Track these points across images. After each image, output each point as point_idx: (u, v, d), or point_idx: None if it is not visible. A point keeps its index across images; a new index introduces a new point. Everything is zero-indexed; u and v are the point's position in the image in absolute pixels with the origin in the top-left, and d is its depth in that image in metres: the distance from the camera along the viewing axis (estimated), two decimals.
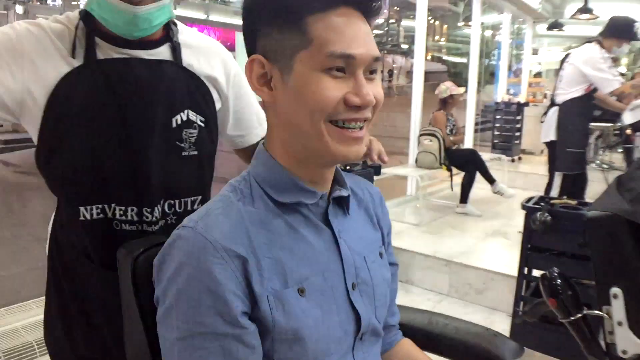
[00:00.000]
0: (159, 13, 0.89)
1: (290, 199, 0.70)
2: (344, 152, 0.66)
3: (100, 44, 0.89)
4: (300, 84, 0.64)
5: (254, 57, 0.67)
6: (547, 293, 1.42)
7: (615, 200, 1.36)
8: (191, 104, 0.97)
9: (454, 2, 16.29)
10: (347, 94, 0.64)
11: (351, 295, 0.73)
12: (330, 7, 0.64)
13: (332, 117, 0.65)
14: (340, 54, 0.63)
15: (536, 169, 6.44)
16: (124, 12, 0.84)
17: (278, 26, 0.65)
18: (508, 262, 3.01)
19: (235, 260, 0.63)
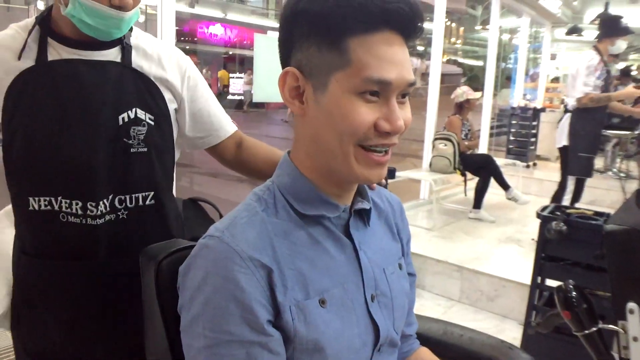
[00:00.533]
0: (135, 16, 0.97)
1: (313, 212, 0.71)
2: (367, 175, 0.67)
3: (54, 45, 0.97)
4: (333, 104, 0.65)
5: (288, 70, 0.68)
6: (562, 305, 1.42)
7: (635, 214, 1.35)
8: (139, 103, 1.02)
9: (471, 5, 16.19)
10: (379, 120, 0.65)
11: (370, 307, 0.74)
12: (373, 30, 0.63)
13: (362, 142, 0.65)
14: (378, 79, 0.63)
15: (551, 175, 6.38)
16: (112, 17, 0.92)
17: (317, 43, 0.65)
18: (520, 270, 3.00)
19: (261, 269, 0.64)
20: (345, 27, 0.63)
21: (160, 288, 0.80)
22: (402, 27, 0.65)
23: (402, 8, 0.63)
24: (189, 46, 12.98)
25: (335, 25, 0.63)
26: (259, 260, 0.64)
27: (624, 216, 1.40)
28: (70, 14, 0.92)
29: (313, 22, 0.64)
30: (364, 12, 0.62)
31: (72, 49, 0.97)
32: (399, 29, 0.65)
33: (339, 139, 0.65)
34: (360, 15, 0.62)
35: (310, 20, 0.65)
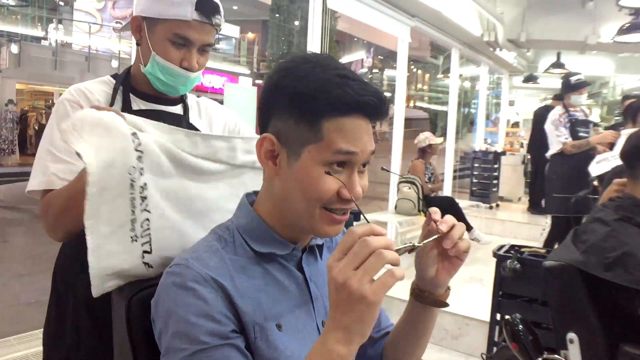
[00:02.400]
0: (198, 78, 1.20)
1: (265, 250, 0.80)
2: (328, 231, 0.77)
3: (133, 99, 1.18)
4: (303, 172, 0.74)
5: (266, 136, 0.77)
6: (509, 338, 1.51)
7: (570, 251, 1.48)
8: None
9: (434, 55, 16.91)
10: (341, 189, 0.74)
11: (321, 331, 0.82)
12: (346, 115, 0.73)
13: (326, 205, 0.75)
14: (346, 151, 0.72)
15: (514, 216, 6.61)
16: (182, 76, 1.15)
17: (295, 118, 0.74)
18: (483, 308, 3.09)
19: (223, 290, 0.73)
20: (323, 111, 0.73)
21: (130, 323, 0.86)
22: (370, 114, 0.75)
23: (372, 100, 0.74)
24: None
25: (314, 108, 0.73)
26: (221, 283, 0.73)
27: (561, 253, 1.52)
28: (148, 72, 1.15)
29: (294, 99, 0.74)
30: (341, 101, 0.72)
31: (147, 102, 1.19)
32: (367, 115, 0.75)
33: (306, 202, 0.75)
34: (337, 104, 0.72)
35: (292, 97, 0.74)
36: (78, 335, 1.17)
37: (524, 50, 8.26)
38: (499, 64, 8.53)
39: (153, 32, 1.14)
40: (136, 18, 1.16)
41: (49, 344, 1.24)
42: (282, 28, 14.19)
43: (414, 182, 4.53)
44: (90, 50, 15.17)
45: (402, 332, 0.93)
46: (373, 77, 23.13)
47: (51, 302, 1.24)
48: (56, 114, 1.11)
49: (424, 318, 0.89)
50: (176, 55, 1.13)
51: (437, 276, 0.83)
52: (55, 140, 1.07)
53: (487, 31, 6.40)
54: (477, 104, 9.00)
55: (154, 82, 1.16)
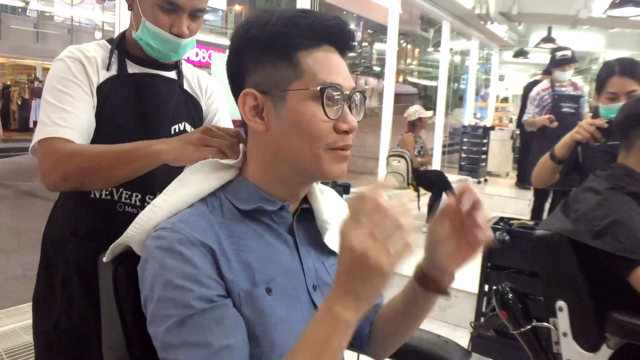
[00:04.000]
0: (191, 44, 1.18)
1: (250, 206, 0.78)
2: (337, 171, 0.75)
3: (129, 63, 1.18)
4: (295, 114, 0.73)
5: (246, 91, 0.75)
6: (499, 306, 1.53)
7: (560, 220, 1.48)
8: (188, 119, 1.23)
9: (424, 28, 16.78)
10: (337, 122, 0.73)
11: (313, 295, 0.81)
12: (318, 44, 0.74)
13: (329, 146, 0.74)
14: (330, 83, 0.72)
15: (501, 190, 6.65)
16: (172, 42, 1.13)
17: (271, 62, 0.73)
18: (471, 280, 3.13)
19: (210, 252, 0.71)
20: (296, 44, 0.73)
21: (117, 290, 0.84)
22: (338, 42, 0.76)
23: (338, 25, 0.74)
24: None
25: (286, 43, 0.73)
26: (208, 245, 0.71)
27: (551, 222, 1.53)
28: (139, 37, 1.13)
29: (266, 44, 0.73)
30: (311, 30, 0.73)
31: (141, 66, 1.19)
32: (335, 43, 0.76)
33: (307, 143, 0.73)
34: (307, 33, 0.73)
35: (263, 43, 0.74)
36: (69, 301, 1.17)
37: (516, 24, 8.20)
38: (490, 38, 8.47)
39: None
40: None
41: (39, 312, 1.23)
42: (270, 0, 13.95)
43: (403, 156, 4.52)
44: (73, 22, 14.81)
45: (397, 312, 0.91)
46: (362, 51, 22.96)
47: (40, 269, 1.23)
48: (55, 70, 1.11)
49: (423, 303, 0.86)
50: (165, 21, 1.11)
51: (448, 263, 0.79)
52: (56, 93, 1.08)
53: (478, 3, 6.33)
54: (467, 79, 8.96)
55: (145, 47, 1.15)
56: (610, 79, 1.80)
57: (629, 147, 1.48)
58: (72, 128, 1.06)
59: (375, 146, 5.82)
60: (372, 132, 5.28)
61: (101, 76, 1.14)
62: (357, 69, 23.88)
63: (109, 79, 1.14)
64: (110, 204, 1.15)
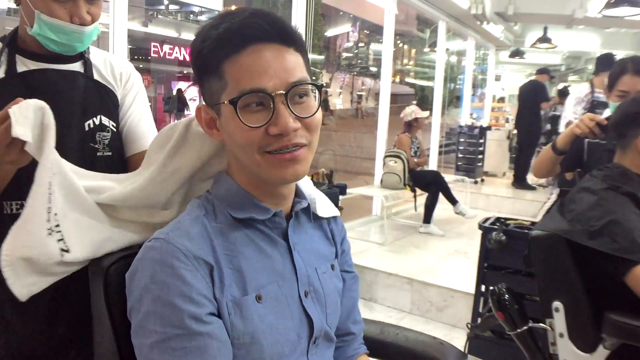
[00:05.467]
0: (96, 31, 1.08)
1: (243, 215, 0.77)
2: (282, 175, 0.73)
3: (22, 60, 1.06)
4: (227, 125, 0.73)
5: (199, 106, 0.78)
6: (495, 307, 1.52)
7: (556, 221, 1.47)
8: (103, 111, 1.12)
9: (420, 29, 16.79)
10: (269, 126, 0.70)
11: (304, 302, 0.80)
12: (241, 48, 0.70)
13: (264, 149, 0.71)
14: (250, 89, 0.69)
15: (498, 190, 6.66)
16: (74, 31, 1.03)
17: (207, 77, 0.74)
18: (468, 281, 3.12)
19: (204, 266, 0.70)
20: (218, 54, 0.71)
21: (108, 294, 0.83)
22: (267, 37, 0.70)
23: (255, 22, 0.70)
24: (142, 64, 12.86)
25: (207, 58, 0.72)
26: (201, 258, 0.70)
27: (547, 222, 1.52)
28: (37, 33, 1.01)
29: (195, 60, 0.74)
30: (223, 39, 0.70)
31: (39, 62, 1.07)
32: (263, 40, 0.70)
33: (243, 152, 0.73)
34: (221, 43, 0.70)
35: (194, 59, 0.74)
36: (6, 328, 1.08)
37: (512, 24, 8.19)
38: (486, 38, 8.47)
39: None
40: None
41: None
42: (266, 0, 13.95)
43: (399, 156, 4.51)
44: None
45: None
46: (359, 51, 22.94)
47: None
48: None
49: None
50: (62, 11, 1.01)
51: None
52: None
53: (474, 3, 6.32)
54: (464, 79, 8.97)
55: (46, 43, 1.04)
56: (622, 77, 1.80)
57: (625, 147, 1.48)
58: None
59: (371, 147, 5.81)
60: (368, 132, 5.27)
61: None
62: (353, 70, 23.87)
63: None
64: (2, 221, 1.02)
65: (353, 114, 21.87)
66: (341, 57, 22.79)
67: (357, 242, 4.20)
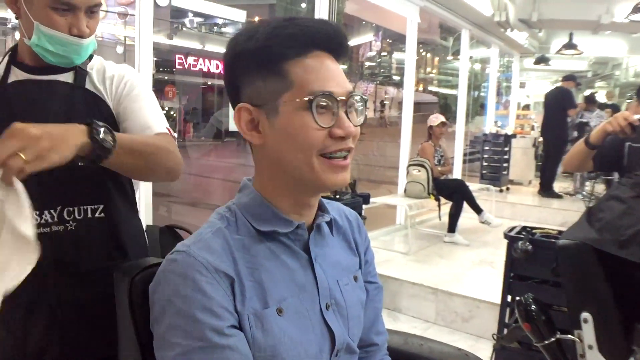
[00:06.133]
0: (93, 44, 1.10)
1: (267, 228, 0.77)
2: (333, 180, 0.75)
3: (16, 72, 1.09)
4: (287, 124, 0.72)
5: (240, 106, 0.76)
6: (522, 318, 1.49)
7: (584, 230, 1.44)
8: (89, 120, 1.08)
9: (444, 37, 16.71)
10: (332, 128, 0.73)
11: (325, 315, 0.80)
12: (305, 52, 0.73)
13: (322, 151, 0.73)
14: (320, 91, 0.71)
15: (524, 199, 6.55)
16: (73, 44, 1.05)
17: (261, 75, 0.73)
18: (494, 290, 3.07)
19: (225, 279, 0.70)
20: (282, 55, 0.72)
21: (133, 303, 0.84)
22: (328, 46, 0.75)
23: (325, 29, 0.74)
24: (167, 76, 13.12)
25: (271, 56, 0.72)
26: (223, 272, 0.70)
27: (575, 232, 1.49)
28: (34, 44, 1.03)
29: (252, 58, 0.74)
30: (294, 38, 0.72)
31: (30, 74, 1.08)
32: (325, 48, 0.74)
33: (301, 153, 0.73)
34: (292, 42, 0.72)
35: (250, 57, 0.74)
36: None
37: (536, 30, 8.10)
38: (510, 46, 8.39)
39: (31, 0, 1.03)
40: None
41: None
42: (289, 11, 14.07)
43: (423, 165, 4.48)
44: (96, 37, 15.11)
45: None
46: (382, 60, 22.93)
47: None
48: None
49: None
50: (62, 22, 1.03)
51: None
52: None
53: (498, 11, 6.27)
54: (488, 86, 8.88)
55: (43, 54, 1.05)
56: None
57: None
58: None
59: (395, 155, 5.78)
60: (392, 141, 5.25)
61: None
62: (376, 79, 23.84)
63: None
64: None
65: (376, 123, 21.82)
66: (364, 67, 22.81)
67: (381, 251, 4.18)
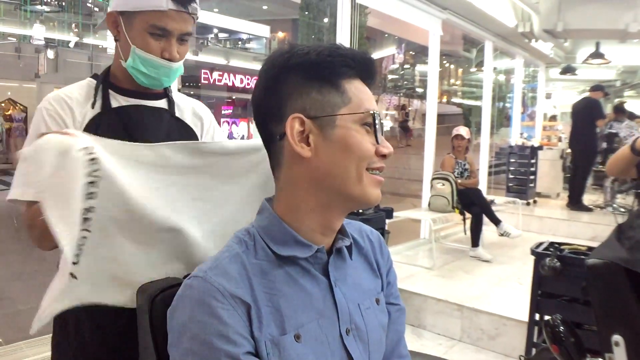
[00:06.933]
0: (181, 69, 1.20)
1: (286, 253, 0.76)
2: (375, 194, 0.79)
3: (114, 95, 1.18)
4: (345, 136, 0.75)
5: (294, 116, 0.75)
6: (550, 339, 1.45)
7: (614, 249, 1.39)
8: None
9: (467, 49, 16.63)
10: (379, 147, 0.78)
11: (345, 340, 0.78)
12: (355, 75, 0.79)
13: (370, 165, 0.77)
14: (372, 111, 0.77)
15: (552, 212, 6.41)
16: (164, 66, 1.15)
17: (317, 88, 0.76)
18: (521, 308, 3.00)
19: (241, 305, 0.70)
20: (341, 72, 0.77)
21: (153, 323, 0.85)
22: (368, 75, 0.82)
23: (370, 59, 0.82)
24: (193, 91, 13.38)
25: (332, 71, 0.76)
26: (239, 298, 0.70)
27: (604, 250, 1.44)
28: (130, 66, 1.14)
29: (310, 71, 0.76)
30: (352, 59, 0.78)
31: (127, 97, 1.19)
32: (365, 76, 0.81)
33: (355, 164, 0.76)
34: (349, 62, 0.77)
35: (307, 70, 0.76)
36: (81, 345, 1.14)
37: (561, 40, 7.98)
38: (535, 56, 8.28)
39: (131, 25, 1.14)
40: (111, 14, 1.16)
41: (56, 348, 1.21)
42: (311, 26, 14.19)
43: (447, 179, 4.44)
44: None
45: None
46: (405, 72, 22.91)
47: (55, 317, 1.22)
48: (34, 123, 1.13)
49: None
50: (156, 46, 1.13)
51: None
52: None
53: (521, 22, 6.21)
54: (512, 97, 8.77)
55: (136, 76, 1.16)
56: None
57: None
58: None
59: (419, 168, 5.74)
60: (415, 153, 5.22)
61: (88, 115, 1.14)
62: (399, 91, 23.79)
63: (94, 117, 1.15)
64: None
65: (402, 135, 21.75)
66: (387, 79, 22.81)
67: (404, 266, 4.13)
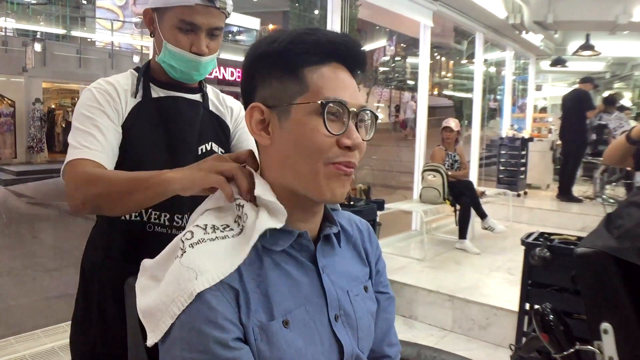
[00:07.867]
0: (212, 63, 1.23)
1: (269, 244, 0.76)
2: (334, 188, 0.74)
3: (153, 88, 1.24)
4: (297, 127, 0.73)
5: (253, 105, 0.76)
6: (539, 328, 1.45)
7: (603, 237, 1.40)
8: (215, 138, 1.28)
9: (458, 41, 16.64)
10: (340, 137, 0.73)
11: (334, 326, 0.78)
12: (324, 61, 0.75)
13: (328, 160, 0.73)
14: (334, 99, 0.72)
15: (542, 204, 6.46)
16: (193, 60, 1.18)
17: (278, 77, 0.74)
18: (511, 298, 3.02)
19: (230, 291, 0.69)
20: (302, 60, 0.74)
21: None
22: (346, 59, 0.77)
23: (345, 42, 0.76)
24: None
25: (292, 59, 0.74)
26: (227, 284, 0.70)
27: (593, 239, 1.44)
28: (162, 60, 1.20)
29: (273, 60, 0.75)
30: (316, 46, 0.74)
31: (165, 89, 1.24)
32: (344, 60, 0.77)
33: (307, 157, 0.72)
34: (314, 49, 0.74)
35: (271, 59, 0.75)
36: (105, 325, 1.19)
37: (552, 32, 7.99)
38: (525, 48, 8.30)
39: (162, 21, 1.19)
40: (147, 11, 1.22)
41: (76, 334, 1.26)
42: (302, 18, 14.13)
43: (438, 170, 4.45)
44: (113, 47, 15.39)
45: None
46: (396, 65, 22.89)
47: (79, 292, 1.27)
48: (83, 99, 1.17)
49: None
50: (185, 41, 1.17)
51: None
52: (83, 120, 1.13)
53: (512, 13, 6.21)
54: (503, 90, 8.79)
55: (168, 70, 1.21)
56: None
57: None
58: (99, 150, 1.09)
59: (409, 160, 5.75)
60: (406, 145, 5.23)
61: (130, 104, 1.19)
62: (390, 84, 23.79)
63: (135, 105, 1.20)
64: (141, 225, 1.18)
65: (392, 127, 21.77)
66: (378, 72, 22.79)
67: (396, 257, 4.15)
